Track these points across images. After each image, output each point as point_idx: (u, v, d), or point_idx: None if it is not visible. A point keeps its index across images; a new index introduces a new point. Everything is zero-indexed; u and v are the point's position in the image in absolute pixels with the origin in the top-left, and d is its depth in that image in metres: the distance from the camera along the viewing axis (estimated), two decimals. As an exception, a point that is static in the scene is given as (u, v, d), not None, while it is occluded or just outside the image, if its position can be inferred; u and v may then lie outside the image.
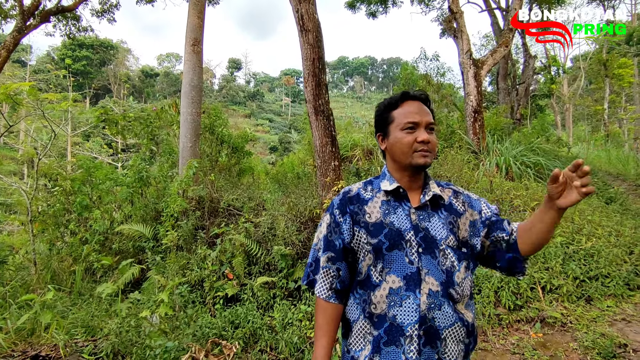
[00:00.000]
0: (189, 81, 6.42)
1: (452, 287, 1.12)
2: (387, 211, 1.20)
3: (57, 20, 11.30)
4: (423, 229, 1.15)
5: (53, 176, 6.21)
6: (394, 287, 1.12)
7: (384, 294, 1.13)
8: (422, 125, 1.18)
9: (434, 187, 1.22)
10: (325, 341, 1.21)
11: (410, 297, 1.10)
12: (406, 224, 1.16)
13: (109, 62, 46.88)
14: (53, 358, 2.53)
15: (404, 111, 1.22)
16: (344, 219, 1.24)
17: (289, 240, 4.11)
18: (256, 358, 2.91)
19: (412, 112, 1.20)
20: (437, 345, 1.08)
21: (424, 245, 1.13)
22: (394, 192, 1.22)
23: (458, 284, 1.13)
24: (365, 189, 1.28)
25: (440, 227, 1.16)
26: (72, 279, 4.57)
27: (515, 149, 6.59)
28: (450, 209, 1.21)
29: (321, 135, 4.06)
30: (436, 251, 1.13)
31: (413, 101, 1.23)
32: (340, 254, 1.23)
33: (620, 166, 9.92)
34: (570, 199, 1.04)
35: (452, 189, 1.27)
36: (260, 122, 55.80)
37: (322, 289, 1.24)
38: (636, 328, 2.95)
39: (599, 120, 24.30)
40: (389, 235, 1.16)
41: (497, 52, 7.34)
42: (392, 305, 1.12)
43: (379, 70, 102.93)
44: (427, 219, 1.17)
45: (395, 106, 1.24)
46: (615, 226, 4.28)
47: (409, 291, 1.10)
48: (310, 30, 4.13)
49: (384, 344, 1.12)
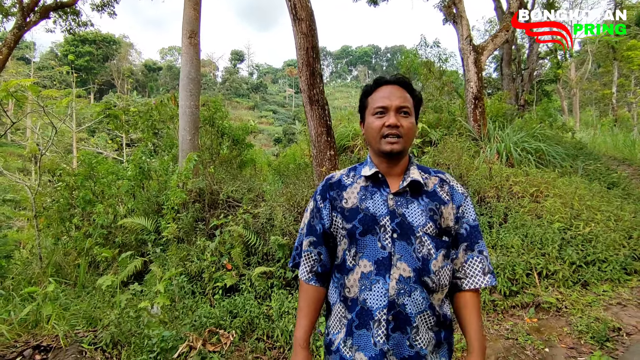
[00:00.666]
0: (187, 74, 6.42)
1: (427, 275, 1.11)
2: (364, 197, 1.20)
3: (57, 16, 11.30)
4: (400, 215, 1.14)
5: (56, 172, 6.30)
6: (365, 272, 1.14)
7: (357, 278, 1.15)
8: (392, 109, 1.16)
9: (414, 173, 1.19)
10: (304, 322, 1.25)
11: (380, 281, 1.11)
12: (382, 209, 1.16)
13: (112, 57, 46.95)
14: (54, 348, 2.60)
15: (376, 96, 1.21)
16: (324, 205, 1.27)
17: (287, 230, 4.14)
18: (253, 346, 2.96)
19: (382, 96, 1.18)
20: (408, 331, 1.09)
21: (400, 231, 1.13)
22: (373, 177, 1.22)
23: (434, 272, 1.12)
24: (347, 175, 1.29)
25: (418, 213, 1.14)
26: (77, 273, 4.66)
27: (517, 136, 6.52)
28: (434, 196, 1.18)
29: (316, 124, 4.05)
30: (412, 238, 1.12)
31: (388, 86, 1.20)
32: (321, 239, 1.27)
33: (626, 151, 9.77)
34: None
35: (439, 177, 1.24)
36: (264, 114, 55.70)
37: (303, 272, 1.28)
38: (631, 312, 2.94)
39: (607, 105, 23.87)
40: (363, 220, 1.16)
41: (497, 36, 7.21)
42: (363, 289, 1.14)
43: (383, 59, 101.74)
44: (405, 205, 1.15)
45: (370, 92, 1.24)
46: (615, 211, 4.24)
47: (379, 276, 1.11)
48: (304, 19, 4.09)
49: (355, 327, 1.15)
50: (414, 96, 1.22)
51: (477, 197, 4.74)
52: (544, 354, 2.66)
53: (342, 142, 8.77)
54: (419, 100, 1.25)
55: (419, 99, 1.25)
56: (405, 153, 1.20)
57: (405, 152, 1.19)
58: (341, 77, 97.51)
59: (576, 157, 6.62)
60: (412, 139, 1.20)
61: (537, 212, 4.34)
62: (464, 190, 1.25)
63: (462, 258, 1.19)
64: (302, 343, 1.23)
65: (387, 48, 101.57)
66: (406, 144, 1.17)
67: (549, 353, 2.66)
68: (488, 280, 1.17)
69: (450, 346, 1.19)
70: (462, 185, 1.26)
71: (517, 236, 3.87)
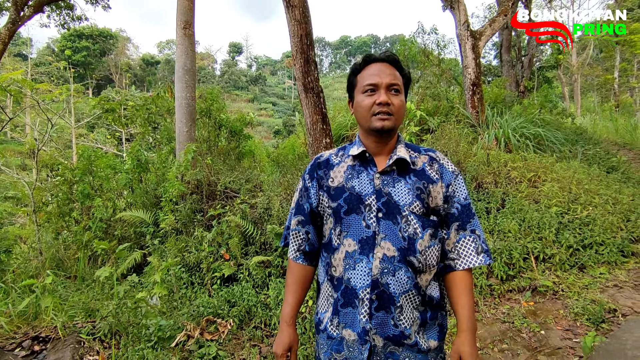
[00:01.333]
0: (182, 65, 6.38)
1: (413, 255, 1.10)
2: (351, 175, 1.19)
3: (50, 10, 11.21)
4: (386, 194, 1.13)
5: (54, 166, 6.30)
6: (349, 251, 1.14)
7: (341, 257, 1.16)
8: (382, 87, 1.14)
9: (401, 151, 1.17)
10: (291, 299, 1.26)
11: (364, 260, 1.11)
12: (368, 188, 1.15)
13: (109, 52, 46.66)
14: (53, 339, 2.62)
15: (365, 74, 1.19)
16: (312, 184, 1.27)
17: (284, 220, 4.14)
18: (250, 334, 2.98)
19: (372, 74, 1.17)
20: (392, 311, 1.09)
21: (385, 210, 1.12)
22: (360, 156, 1.21)
23: (420, 252, 1.10)
24: (336, 155, 1.29)
25: (405, 192, 1.13)
26: (76, 266, 4.69)
27: (515, 122, 6.46)
28: (422, 175, 1.16)
29: (311, 112, 4.03)
30: (398, 217, 1.11)
31: (377, 63, 1.19)
32: (309, 218, 1.27)
33: (627, 136, 9.70)
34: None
35: (429, 155, 1.22)
36: (263, 106, 55.48)
37: (291, 251, 1.30)
38: (627, 293, 2.94)
39: (608, 90, 23.66)
40: (348, 199, 1.16)
41: (495, 21, 7.11)
42: (347, 268, 1.14)
43: (382, 49, 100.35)
44: (392, 184, 1.14)
45: (359, 70, 1.22)
46: (614, 194, 4.22)
47: (363, 255, 1.11)
48: (297, 6, 4.03)
49: (341, 305, 1.15)
50: (403, 74, 1.21)
51: (475, 183, 4.72)
52: (539, 336, 2.67)
53: (340, 131, 8.73)
54: (408, 79, 1.24)
55: (408, 77, 1.23)
56: (395, 131, 1.19)
57: (395, 130, 1.18)
58: (340, 67, 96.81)
59: (575, 142, 6.57)
60: (402, 116, 1.19)
61: (534, 197, 4.32)
62: (455, 168, 1.22)
63: (454, 238, 1.17)
64: (288, 320, 1.24)
65: (387, 37, 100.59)
66: (397, 122, 1.16)
67: (544, 335, 2.67)
68: (482, 259, 1.15)
69: (442, 328, 1.18)
70: (452, 164, 1.23)
71: (514, 221, 3.86)
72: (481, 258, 1.15)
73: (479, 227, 1.19)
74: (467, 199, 1.19)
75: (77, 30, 37.16)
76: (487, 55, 25.39)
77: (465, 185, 1.22)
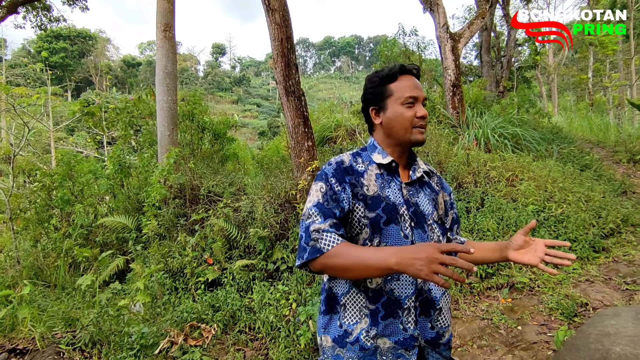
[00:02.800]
0: (163, 68, 6.30)
1: None
2: (383, 185, 1.18)
3: (26, 11, 10.90)
4: (414, 204, 1.18)
5: (32, 172, 6.14)
6: None
7: None
8: (420, 100, 1.19)
9: (422, 165, 1.28)
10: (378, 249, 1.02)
11: None
12: (399, 198, 1.18)
13: (89, 53, 45.59)
14: (30, 351, 2.57)
15: (403, 85, 1.18)
16: (343, 188, 1.15)
17: (267, 223, 4.15)
18: (235, 339, 2.99)
19: (411, 86, 1.18)
20: (431, 314, 1.15)
21: (415, 219, 1.16)
22: (387, 166, 1.22)
23: None
24: (356, 161, 1.22)
25: (427, 202, 1.21)
26: (57, 274, 4.58)
27: (494, 122, 6.63)
28: (431, 187, 1.27)
29: (293, 116, 4.05)
30: (425, 226, 1.17)
31: (411, 75, 1.22)
32: (339, 223, 1.10)
33: (601, 134, 10.05)
34: (526, 259, 1.12)
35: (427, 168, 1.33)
36: (248, 108, 55.13)
37: (333, 238, 1.06)
38: (598, 288, 3.07)
39: (583, 90, 24.41)
40: (387, 209, 1.14)
41: (474, 24, 7.28)
42: (389, 280, 1.11)
43: (366, 49, 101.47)
44: (416, 195, 1.21)
45: (393, 79, 1.20)
46: (586, 192, 4.38)
47: None
48: (277, 10, 4.05)
49: (381, 317, 1.12)
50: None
51: (455, 183, 4.83)
52: (516, 332, 2.76)
53: (324, 133, 8.78)
54: None
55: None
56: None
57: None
58: (324, 68, 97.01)
59: (552, 141, 6.79)
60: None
61: (512, 196, 4.45)
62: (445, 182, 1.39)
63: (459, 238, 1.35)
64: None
65: (370, 38, 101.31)
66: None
67: (521, 331, 2.76)
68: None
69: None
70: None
71: (493, 220, 3.97)
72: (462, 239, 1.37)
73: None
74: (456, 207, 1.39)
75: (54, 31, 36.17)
76: (469, 55, 25.89)
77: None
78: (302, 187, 4.01)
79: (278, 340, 2.86)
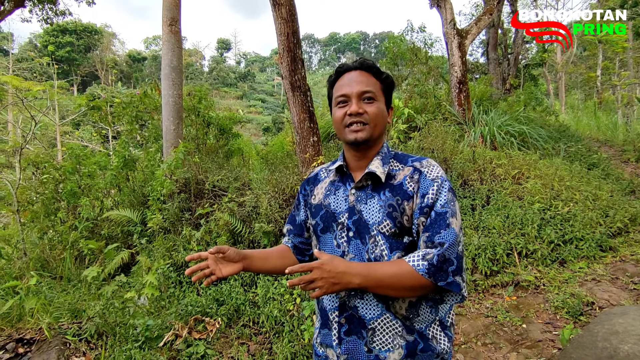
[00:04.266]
0: (168, 62, 6.30)
1: None
2: (329, 192, 1.16)
3: (32, 5, 10.94)
4: (358, 212, 1.06)
5: (40, 165, 6.18)
6: None
7: None
8: (354, 97, 1.06)
9: (374, 164, 1.08)
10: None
11: None
12: (342, 205, 1.10)
13: (94, 47, 45.72)
14: (37, 341, 2.59)
15: (338, 85, 1.12)
16: (300, 199, 1.28)
17: (272, 218, 4.16)
18: (239, 333, 3.00)
19: (344, 84, 1.09)
20: (364, 336, 1.03)
21: (354, 229, 1.06)
22: (340, 170, 1.17)
23: None
24: (327, 169, 1.25)
25: (376, 210, 1.04)
26: (63, 266, 4.63)
27: (501, 119, 6.58)
28: (398, 190, 1.04)
29: (299, 111, 4.04)
30: (366, 237, 1.04)
31: (350, 72, 1.10)
32: (299, 229, 1.28)
33: (609, 133, 9.95)
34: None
35: (413, 167, 1.07)
36: (252, 103, 55.11)
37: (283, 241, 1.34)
38: (604, 287, 3.04)
39: (592, 88, 24.15)
40: (324, 217, 1.13)
41: (481, 20, 7.21)
42: None
43: (371, 46, 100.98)
44: (365, 201, 1.07)
45: (334, 82, 1.15)
46: (594, 190, 4.34)
47: None
48: (283, 4, 4.04)
49: (320, 325, 1.14)
50: (382, 79, 1.11)
51: (461, 180, 4.80)
52: (521, 330, 2.75)
53: (329, 129, 8.76)
54: (389, 83, 1.13)
55: (388, 82, 1.13)
56: (373, 142, 1.10)
57: (372, 141, 1.09)
58: (329, 64, 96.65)
59: (559, 139, 6.73)
60: (380, 125, 1.09)
61: (518, 194, 4.42)
62: (437, 175, 1.04)
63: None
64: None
65: (376, 34, 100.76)
66: (373, 131, 1.07)
67: (526, 329, 2.75)
68: (421, 265, 0.94)
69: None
70: (438, 171, 1.05)
71: (498, 217, 3.95)
72: (422, 263, 0.94)
73: (449, 239, 0.96)
74: (445, 207, 0.99)
75: (60, 25, 36.31)
76: (475, 52, 25.67)
77: (447, 192, 1.01)
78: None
79: (282, 334, 2.87)
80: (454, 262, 0.96)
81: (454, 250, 0.96)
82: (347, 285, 0.93)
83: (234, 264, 1.10)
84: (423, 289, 0.96)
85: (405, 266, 0.95)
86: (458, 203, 1.06)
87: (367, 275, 0.94)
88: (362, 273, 0.94)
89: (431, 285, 0.95)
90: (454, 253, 0.96)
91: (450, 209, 0.99)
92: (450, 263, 0.95)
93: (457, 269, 0.96)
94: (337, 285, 0.92)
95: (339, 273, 0.92)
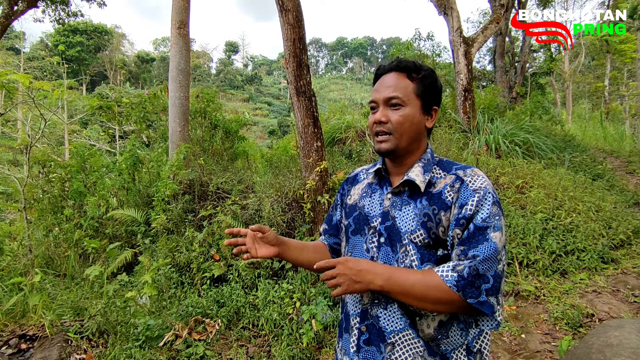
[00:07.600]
0: (176, 65, 6.39)
1: None
2: (365, 194, 1.13)
3: (45, 5, 11.14)
4: (392, 218, 1.01)
5: (47, 163, 6.27)
6: None
7: None
8: (380, 103, 1.02)
9: (414, 172, 1.01)
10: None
11: None
12: (377, 209, 1.06)
13: (104, 48, 46.29)
14: (40, 337, 2.63)
15: (373, 88, 1.08)
16: (338, 198, 1.27)
17: (274, 221, 4.19)
18: (238, 335, 3.02)
19: (375, 88, 1.06)
20: (382, 350, 0.97)
21: (386, 235, 1.01)
22: (378, 173, 1.14)
23: None
24: (367, 171, 1.22)
25: (410, 218, 0.98)
26: (67, 264, 4.68)
27: (506, 128, 6.58)
28: (436, 199, 0.97)
29: (303, 116, 4.08)
30: (397, 245, 0.98)
31: (384, 75, 1.05)
32: (334, 229, 1.26)
33: (615, 144, 9.89)
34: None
35: (456, 175, 0.99)
36: (259, 106, 55.39)
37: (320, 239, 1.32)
38: (605, 299, 3.03)
39: (599, 98, 24.01)
40: (357, 219, 1.10)
41: (488, 29, 7.23)
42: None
43: (379, 51, 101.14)
44: (399, 207, 1.01)
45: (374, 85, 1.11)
46: (597, 201, 4.33)
47: None
48: (290, 10, 4.08)
49: (343, 329, 1.10)
50: (419, 80, 1.01)
51: (464, 188, 4.80)
52: (520, 340, 2.74)
53: (334, 134, 8.78)
54: (429, 83, 1.03)
55: (427, 82, 1.02)
56: (402, 152, 1.03)
57: (400, 151, 1.03)
58: (336, 68, 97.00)
59: (564, 149, 6.70)
60: (408, 133, 1.01)
61: (521, 203, 4.42)
62: (480, 186, 0.94)
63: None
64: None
65: (383, 40, 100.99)
66: (399, 142, 1.01)
67: (524, 339, 2.74)
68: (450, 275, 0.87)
69: None
70: (484, 180, 0.96)
71: (500, 226, 3.94)
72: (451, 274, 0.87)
73: (485, 252, 0.87)
74: (487, 222, 0.89)
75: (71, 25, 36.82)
76: (482, 60, 25.64)
77: (491, 206, 0.91)
78: (310, 187, 4.04)
79: (281, 337, 2.89)
80: (489, 280, 0.86)
81: (491, 267, 0.87)
82: (369, 286, 0.91)
83: (270, 247, 1.11)
84: (450, 305, 0.89)
85: (433, 276, 0.89)
86: (505, 220, 0.99)
87: (389, 278, 0.91)
88: (385, 275, 0.91)
89: (459, 300, 0.87)
90: (490, 270, 0.87)
91: (494, 224, 0.89)
92: (485, 280, 0.86)
93: (492, 288, 0.87)
94: (358, 284, 0.91)
95: (361, 271, 0.91)
